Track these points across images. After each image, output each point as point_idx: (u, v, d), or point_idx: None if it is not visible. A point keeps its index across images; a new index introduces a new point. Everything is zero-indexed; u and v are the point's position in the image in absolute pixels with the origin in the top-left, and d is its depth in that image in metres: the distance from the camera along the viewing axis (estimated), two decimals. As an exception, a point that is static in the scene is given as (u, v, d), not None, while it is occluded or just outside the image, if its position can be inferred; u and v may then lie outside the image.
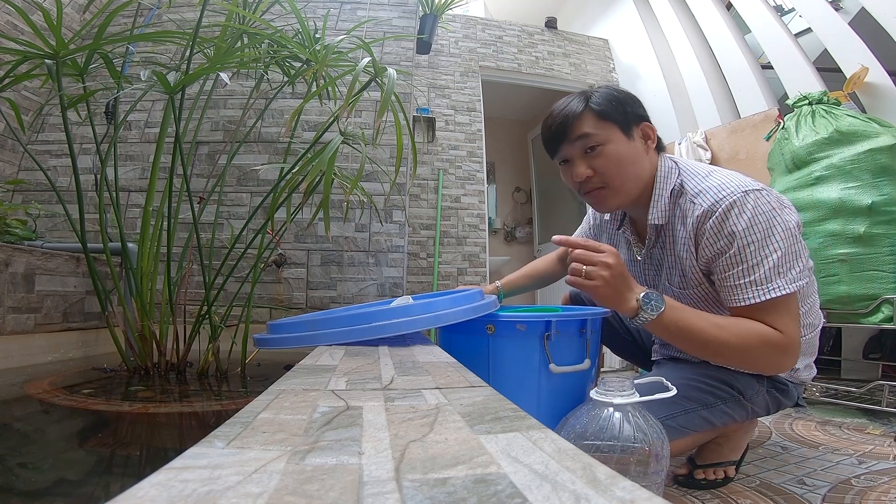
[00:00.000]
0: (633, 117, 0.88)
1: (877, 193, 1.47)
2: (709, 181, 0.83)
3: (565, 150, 0.90)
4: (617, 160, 0.86)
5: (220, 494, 0.22)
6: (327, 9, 2.26)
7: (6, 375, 1.18)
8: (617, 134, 0.86)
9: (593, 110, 0.86)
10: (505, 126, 4.77)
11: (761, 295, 0.75)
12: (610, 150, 0.86)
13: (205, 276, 1.29)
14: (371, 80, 1.21)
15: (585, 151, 0.87)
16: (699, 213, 0.81)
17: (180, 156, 1.19)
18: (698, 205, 0.81)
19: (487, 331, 0.92)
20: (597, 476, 0.25)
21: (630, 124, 0.87)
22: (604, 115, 0.86)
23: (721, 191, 0.79)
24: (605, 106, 0.86)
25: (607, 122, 0.86)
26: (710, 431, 0.93)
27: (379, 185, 2.02)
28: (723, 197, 0.78)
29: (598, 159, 0.86)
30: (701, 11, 3.08)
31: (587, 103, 0.87)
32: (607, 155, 0.86)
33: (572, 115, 0.87)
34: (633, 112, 0.88)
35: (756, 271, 0.76)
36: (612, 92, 0.88)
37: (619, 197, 0.88)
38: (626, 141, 0.87)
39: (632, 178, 0.87)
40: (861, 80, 2.03)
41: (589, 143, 0.86)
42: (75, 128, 1.95)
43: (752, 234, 0.76)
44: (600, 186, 0.88)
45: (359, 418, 0.37)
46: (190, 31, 1.18)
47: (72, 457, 0.73)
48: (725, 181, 0.81)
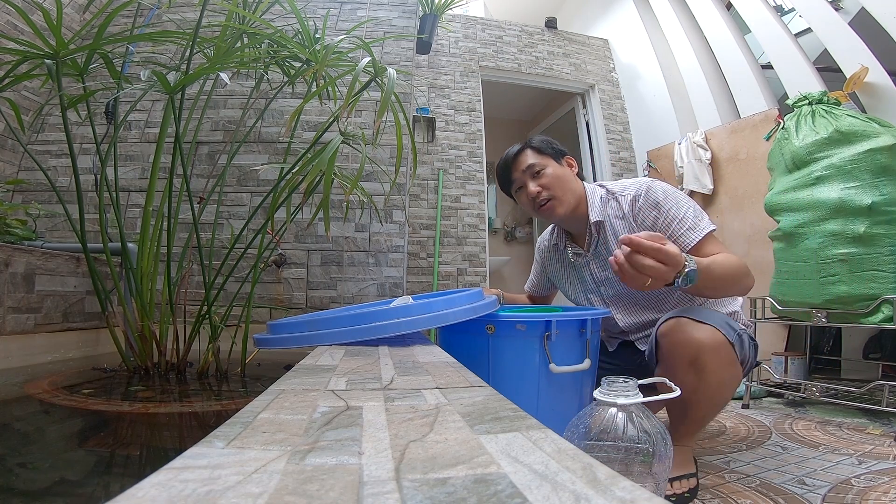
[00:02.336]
0: (560, 152, 1.20)
1: (877, 193, 1.47)
2: (623, 182, 1.16)
3: (517, 179, 1.19)
4: (557, 177, 1.15)
5: (220, 494, 0.22)
6: (327, 9, 2.26)
7: (6, 375, 1.18)
8: (552, 161, 1.18)
9: (532, 147, 1.19)
10: (505, 126, 4.77)
11: (699, 234, 1.00)
12: (550, 172, 1.16)
13: (205, 276, 1.29)
14: (371, 80, 1.21)
15: (533, 176, 1.16)
16: (630, 200, 1.10)
17: (180, 156, 1.19)
18: (627, 196, 1.11)
19: (487, 331, 0.92)
20: (597, 476, 0.25)
21: (559, 156, 1.20)
22: (540, 150, 1.18)
23: (636, 183, 1.12)
24: (540, 144, 1.19)
25: (544, 155, 1.18)
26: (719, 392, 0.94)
27: (379, 185, 2.02)
28: (640, 185, 1.10)
29: (543, 179, 1.15)
30: (701, 11, 3.08)
31: (528, 144, 1.20)
32: (549, 175, 1.15)
33: (518, 152, 1.20)
34: (558, 149, 1.21)
35: (686, 221, 1.02)
36: (543, 136, 1.23)
37: (563, 205, 1.14)
38: (559, 166, 1.18)
39: (569, 191, 1.16)
40: (861, 80, 2.03)
41: (535, 169, 1.16)
42: (75, 128, 1.95)
43: (668, 200, 1.05)
44: (549, 198, 1.14)
45: (359, 418, 0.37)
46: (190, 31, 1.18)
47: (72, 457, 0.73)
48: (635, 180, 1.14)
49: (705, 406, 0.94)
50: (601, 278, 1.19)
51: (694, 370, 0.89)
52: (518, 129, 4.90)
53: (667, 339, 0.94)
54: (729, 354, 0.90)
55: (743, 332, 0.95)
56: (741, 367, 0.95)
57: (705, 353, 0.88)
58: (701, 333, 0.89)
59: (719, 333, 0.89)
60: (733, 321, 0.96)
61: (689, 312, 0.94)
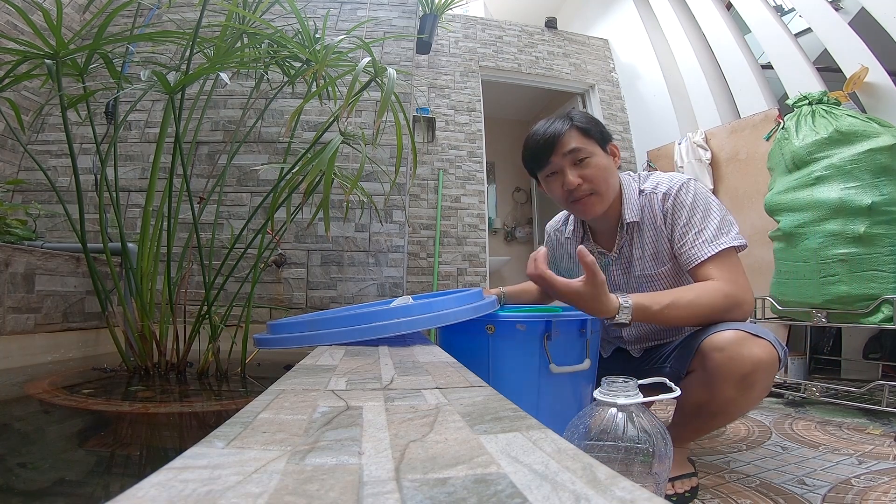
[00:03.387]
0: (607, 136, 1.03)
1: (877, 193, 1.47)
2: (658, 177, 1.04)
3: (555, 163, 1.00)
4: (603, 169, 0.99)
5: (220, 494, 0.22)
6: (327, 9, 2.26)
7: (6, 375, 1.18)
8: (597, 148, 1.00)
9: (578, 128, 0.99)
10: (505, 126, 4.77)
11: (713, 249, 0.92)
12: (596, 161, 0.99)
13: (205, 276, 1.29)
14: (371, 80, 1.21)
15: (575, 163, 0.98)
16: (661, 196, 1.00)
17: (180, 156, 1.19)
18: (658, 192, 1.01)
19: (487, 331, 0.92)
20: (597, 476, 0.25)
21: (605, 142, 1.02)
22: (587, 132, 0.99)
23: (671, 179, 1.01)
24: (587, 124, 1.00)
25: (590, 139, 0.99)
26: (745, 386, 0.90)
27: (379, 185, 2.02)
28: (673, 183, 1.00)
29: (587, 169, 0.98)
30: (701, 11, 3.08)
31: (572, 122, 1.00)
32: (595, 165, 0.98)
33: (560, 132, 0.99)
34: (605, 132, 1.03)
35: (704, 233, 0.94)
36: (588, 114, 1.05)
37: (604, 203, 1.00)
38: (604, 155, 1.01)
39: (612, 187, 1.01)
40: (861, 80, 2.03)
41: (578, 156, 0.98)
42: (75, 128, 1.95)
43: (696, 206, 0.96)
44: (589, 193, 0.99)
45: (359, 418, 0.37)
46: (190, 31, 1.18)
47: (72, 457, 0.73)
48: (669, 175, 1.03)
49: (730, 417, 0.93)
50: (620, 283, 1.09)
51: (742, 386, 0.84)
52: (518, 129, 4.90)
53: (722, 354, 0.84)
54: (775, 370, 0.86)
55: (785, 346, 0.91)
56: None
57: (759, 371, 0.83)
58: (759, 350, 0.83)
59: (774, 350, 0.84)
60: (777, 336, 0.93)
61: (739, 325, 0.87)
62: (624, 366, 1.16)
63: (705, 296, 0.89)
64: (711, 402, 0.87)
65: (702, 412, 0.90)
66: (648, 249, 1.04)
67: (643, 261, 1.05)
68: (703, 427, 0.95)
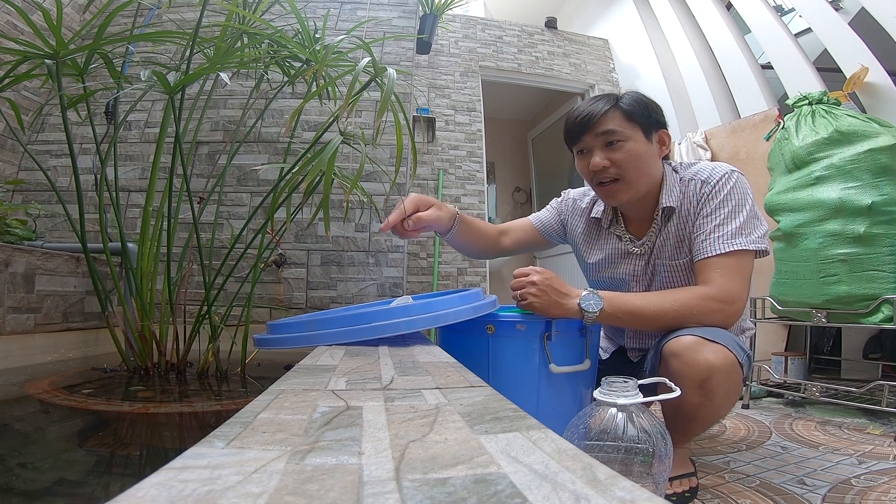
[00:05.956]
0: (655, 123, 0.99)
1: (877, 193, 1.47)
2: (701, 165, 1.01)
3: (585, 141, 0.98)
4: (635, 156, 0.95)
5: (220, 494, 0.22)
6: (327, 9, 2.26)
7: (6, 375, 1.18)
8: (639, 134, 0.96)
9: (622, 109, 0.96)
10: (505, 126, 4.77)
11: (724, 248, 0.90)
12: (630, 147, 0.95)
13: (205, 276, 1.29)
14: (371, 80, 1.21)
15: (606, 145, 0.96)
16: (700, 183, 0.97)
17: (180, 156, 1.19)
18: (698, 178, 0.97)
19: (487, 331, 0.92)
20: (597, 476, 0.25)
21: (652, 128, 0.98)
22: (631, 115, 0.95)
23: (714, 168, 0.98)
24: (633, 108, 0.96)
25: (632, 123, 0.95)
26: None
27: (379, 185, 2.02)
28: (716, 171, 0.96)
29: (617, 153, 0.95)
30: (701, 11, 3.08)
31: (617, 102, 0.97)
32: (627, 150, 0.95)
33: (600, 111, 0.96)
34: (655, 118, 0.99)
35: (723, 228, 0.91)
36: (640, 97, 0.99)
37: (630, 191, 0.97)
38: (645, 142, 0.96)
39: (644, 176, 0.97)
40: (861, 80, 2.03)
41: (611, 138, 0.95)
42: (75, 128, 1.95)
43: (728, 199, 0.93)
44: (615, 178, 0.96)
45: (359, 418, 0.37)
46: (190, 31, 1.18)
47: (72, 457, 0.73)
48: (714, 164, 0.99)
49: (704, 422, 0.92)
50: (638, 273, 1.05)
51: (702, 392, 0.83)
52: (518, 129, 4.90)
53: (678, 360, 0.84)
54: (737, 375, 0.85)
55: (748, 350, 0.91)
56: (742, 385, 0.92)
57: (716, 376, 0.82)
58: (713, 356, 0.82)
59: (731, 355, 0.83)
60: (740, 339, 0.91)
61: (698, 330, 0.85)
62: (621, 368, 1.16)
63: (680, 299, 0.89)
64: (681, 408, 0.85)
65: (678, 417, 0.89)
66: (671, 240, 1.00)
67: (663, 250, 1.01)
68: (687, 430, 0.92)
